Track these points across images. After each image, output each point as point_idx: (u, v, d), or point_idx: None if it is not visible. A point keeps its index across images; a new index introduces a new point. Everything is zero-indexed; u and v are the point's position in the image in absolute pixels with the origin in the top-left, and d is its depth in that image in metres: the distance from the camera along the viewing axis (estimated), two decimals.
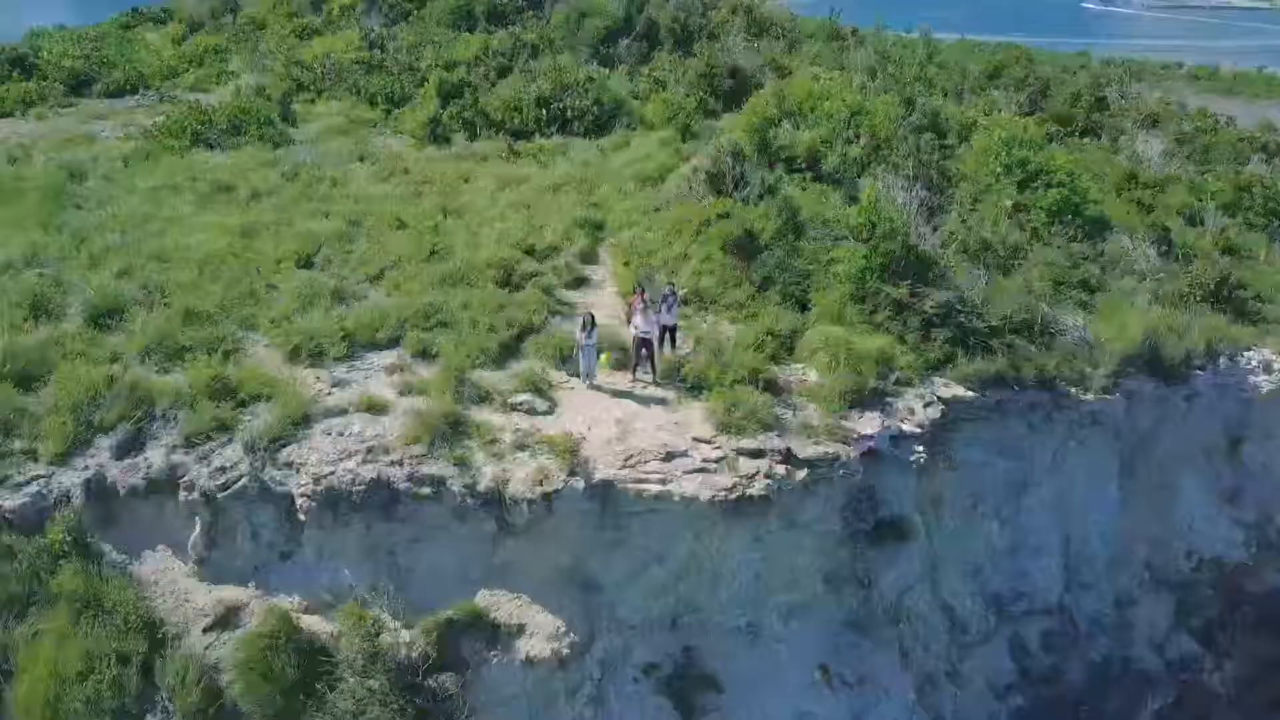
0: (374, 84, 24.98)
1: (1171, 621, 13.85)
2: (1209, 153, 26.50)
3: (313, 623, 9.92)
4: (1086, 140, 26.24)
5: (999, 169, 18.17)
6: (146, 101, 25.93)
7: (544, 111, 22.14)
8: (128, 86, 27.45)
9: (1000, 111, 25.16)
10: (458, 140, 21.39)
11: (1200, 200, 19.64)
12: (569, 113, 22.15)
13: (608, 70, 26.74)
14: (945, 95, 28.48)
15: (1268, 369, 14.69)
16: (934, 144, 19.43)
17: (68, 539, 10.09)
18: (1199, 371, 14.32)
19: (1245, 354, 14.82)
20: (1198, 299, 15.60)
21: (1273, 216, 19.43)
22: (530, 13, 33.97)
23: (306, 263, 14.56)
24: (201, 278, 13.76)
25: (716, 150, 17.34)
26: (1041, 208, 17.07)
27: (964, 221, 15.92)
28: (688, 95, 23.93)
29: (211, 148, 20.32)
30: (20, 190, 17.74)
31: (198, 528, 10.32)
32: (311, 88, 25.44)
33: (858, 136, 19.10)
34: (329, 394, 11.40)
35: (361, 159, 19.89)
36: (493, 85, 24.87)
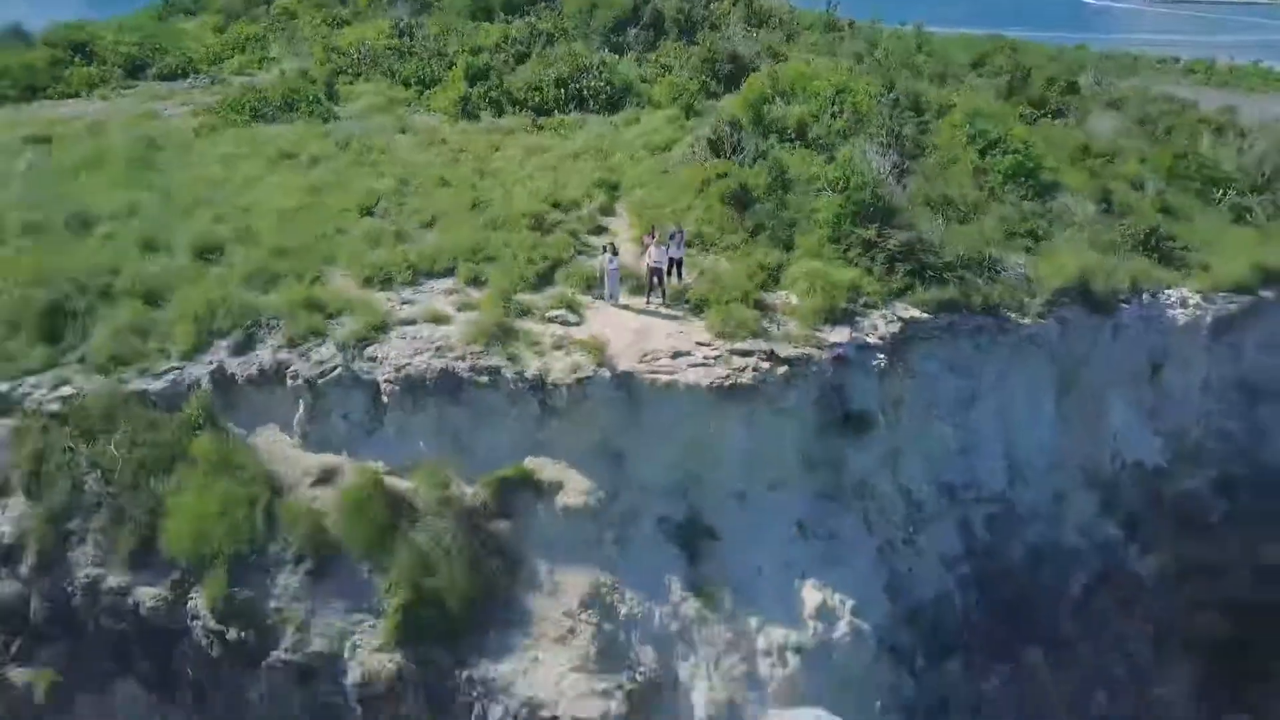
0: (406, 68, 27.65)
1: (1098, 512, 16.54)
2: (1170, 132, 29.01)
3: (395, 482, 12.64)
4: (1056, 120, 28.87)
5: (964, 139, 20.88)
6: (199, 84, 28.70)
7: (562, 91, 24.78)
8: (179, 71, 30.16)
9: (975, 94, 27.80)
10: (485, 117, 24.01)
11: (1143, 167, 22.33)
12: (585, 92, 24.78)
13: (618, 56, 29.37)
14: (929, 80, 31.07)
15: (1184, 304, 17.40)
16: (908, 117, 22.11)
17: (200, 415, 12.82)
18: (1125, 305, 17.05)
19: (1166, 292, 17.53)
20: (1129, 247, 18.31)
21: (1206, 182, 22.09)
22: (543, 4, 36.65)
23: (367, 213, 17.29)
24: (282, 223, 16.49)
25: (717, 120, 20.09)
26: (998, 171, 19.78)
27: (928, 180, 18.62)
28: (691, 79, 26.53)
29: (269, 122, 23.05)
30: (108, 157, 20.49)
31: (301, 409, 13.05)
32: (349, 71, 28.08)
33: (841, 111, 21.79)
34: (400, 309, 14.13)
35: (402, 131, 22.59)
36: (513, 69, 27.53)
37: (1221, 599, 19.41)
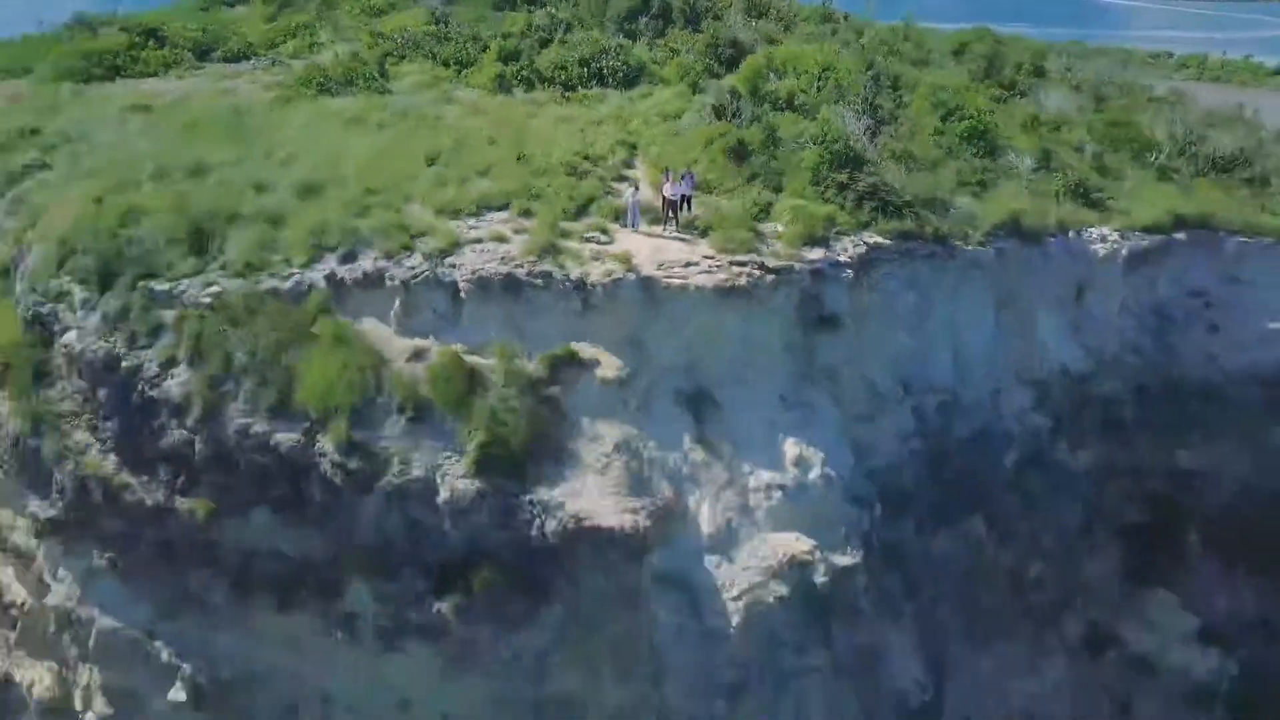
0: (445, 51, 31.50)
1: (1030, 405, 20.41)
2: (1126, 110, 32.79)
3: (471, 358, 16.51)
4: (1021, 99, 32.69)
5: (929, 107, 24.76)
6: (260, 65, 32.58)
7: (585, 70, 28.61)
8: (241, 54, 34.08)
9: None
10: (518, 93, 27.92)
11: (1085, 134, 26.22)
12: (604, 71, 28.63)
13: (631, 41, 33.22)
14: (910, 63, 34.88)
15: (1104, 240, 21.26)
16: (885, 92, 25.96)
17: (320, 308, 16.71)
18: (1052, 239, 20.92)
19: (1089, 230, 21.40)
20: (1061, 195, 22.19)
21: (1139, 147, 25.94)
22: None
23: (431, 163, 21.14)
24: (366, 170, 20.34)
25: (719, 90, 23.98)
26: (955, 134, 23.65)
27: (896, 139, 22.50)
28: (696, 61, 30.42)
29: (333, 95, 26.94)
30: (204, 122, 24.38)
31: (397, 304, 16.96)
32: (394, 54, 31.97)
33: (825, 85, 25.65)
34: (468, 232, 18.02)
35: (449, 102, 26.46)
36: (538, 52, 31.42)
37: (1143, 493, 23.31)
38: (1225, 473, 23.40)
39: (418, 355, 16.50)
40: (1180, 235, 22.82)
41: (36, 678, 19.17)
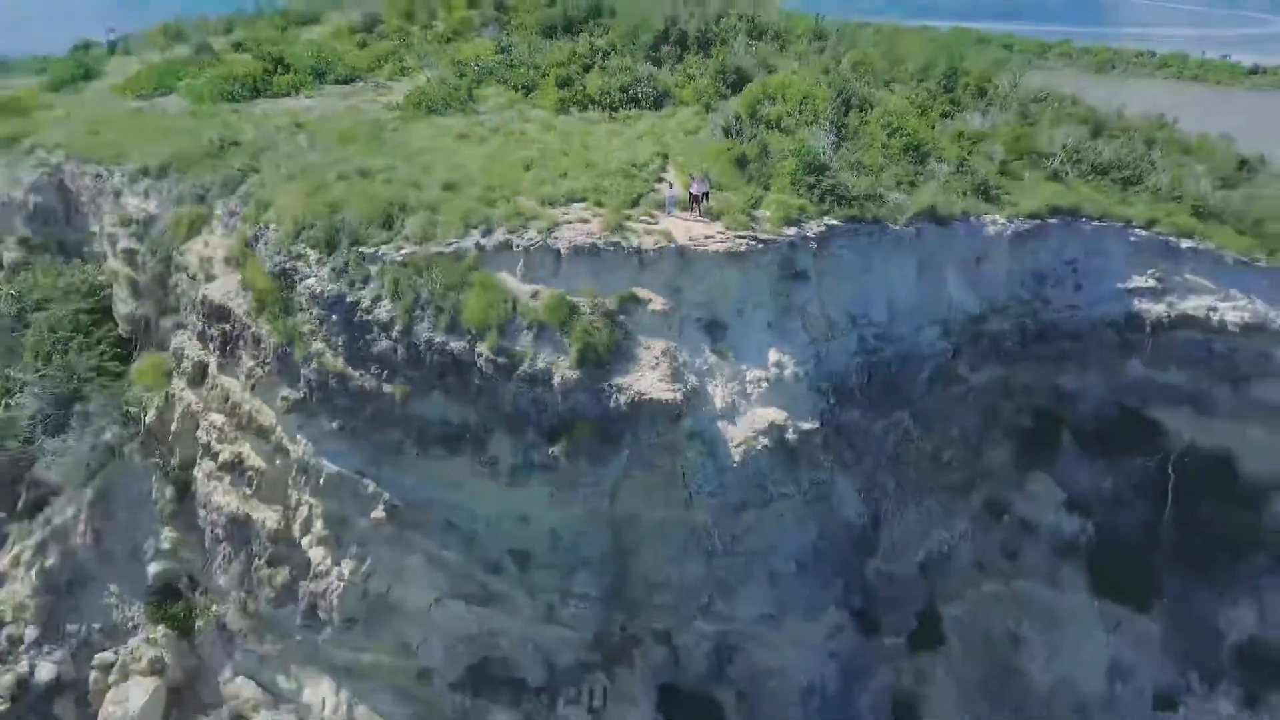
0: (514, 77, 41.18)
1: (939, 336, 30.12)
2: (1032, 127, 42.14)
3: (570, 298, 26.15)
4: (961, 113, 42.18)
5: (880, 126, 34.40)
6: (366, 87, 42.24)
7: (624, 94, 38.23)
8: (348, 78, 43.70)
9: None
10: (574, 112, 37.55)
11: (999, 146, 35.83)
12: (639, 95, 38.26)
13: (657, 68, 42.77)
14: (881, 82, 44.25)
15: (995, 223, 30.96)
16: (851, 107, 35.50)
17: (473, 265, 26.38)
18: (958, 222, 30.63)
19: (984, 216, 31.10)
20: (968, 191, 31.86)
21: (1038, 155, 35.55)
22: (594, 21, 50.21)
23: (528, 169, 30.74)
24: (484, 173, 29.97)
25: (726, 115, 33.62)
26: (896, 147, 33.29)
27: (853, 151, 32.15)
28: (708, 85, 40.00)
29: (439, 115, 36.58)
30: (353, 136, 34.00)
31: (520, 263, 26.64)
32: (475, 79, 41.58)
33: (804, 110, 35.25)
34: (563, 216, 27.68)
35: (526, 121, 36.11)
36: (583, 77, 40.99)
37: (1029, 404, 33.08)
38: (1088, 391, 33.13)
39: (535, 296, 26.15)
40: (1054, 220, 32.52)
41: (267, 516, 28.97)
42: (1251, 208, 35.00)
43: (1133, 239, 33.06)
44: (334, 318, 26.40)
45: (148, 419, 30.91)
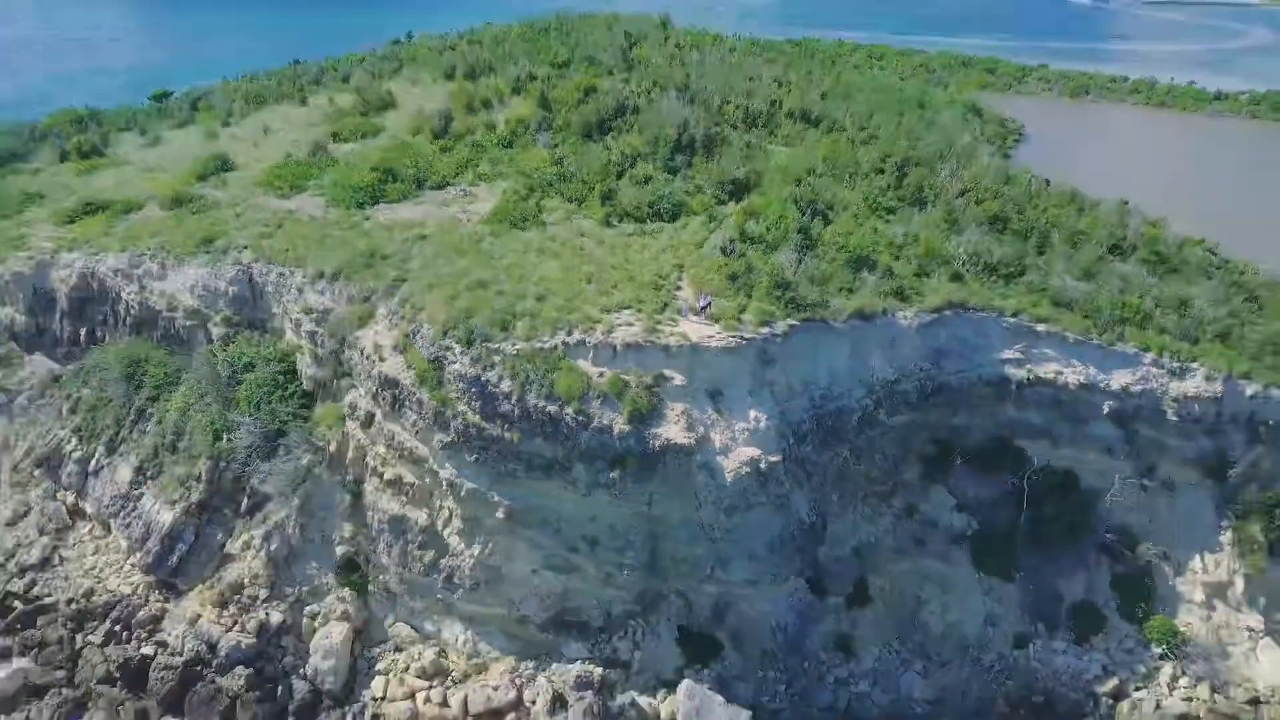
0: (568, 189, 56.64)
1: (865, 393, 45.59)
2: (940, 238, 57.17)
3: (624, 377, 41.68)
4: (915, 208, 57.44)
5: (833, 238, 49.87)
6: (459, 195, 57.69)
7: (651, 208, 53.73)
8: (440, 184, 59.13)
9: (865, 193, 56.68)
10: (613, 220, 53.04)
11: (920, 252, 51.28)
12: (661, 209, 53.76)
13: (673, 176, 58.26)
14: (846, 176, 59.51)
15: (906, 317, 46.45)
16: (812, 218, 50.98)
17: (559, 354, 41.90)
18: (879, 318, 46.19)
19: (899, 312, 46.60)
20: (888, 294, 47.40)
21: (943, 259, 50.99)
22: (621, 119, 65.87)
23: (589, 281, 46.09)
24: (560, 286, 45.31)
25: (723, 236, 49.11)
26: (844, 261, 48.67)
27: (812, 261, 47.58)
28: (711, 195, 55.47)
29: (519, 229, 52.00)
30: (461, 247, 49.44)
31: (590, 354, 42.18)
32: (537, 189, 56.98)
33: (779, 227, 50.64)
34: (615, 319, 43.11)
35: (581, 235, 51.53)
36: (617, 181, 56.42)
37: (932, 437, 48.74)
38: (973, 428, 48.75)
39: (600, 375, 41.68)
40: (950, 312, 48.04)
41: (419, 516, 44.58)
42: (1094, 299, 50.48)
43: (1005, 324, 48.70)
44: (473, 389, 41.91)
45: (330, 449, 46.49)
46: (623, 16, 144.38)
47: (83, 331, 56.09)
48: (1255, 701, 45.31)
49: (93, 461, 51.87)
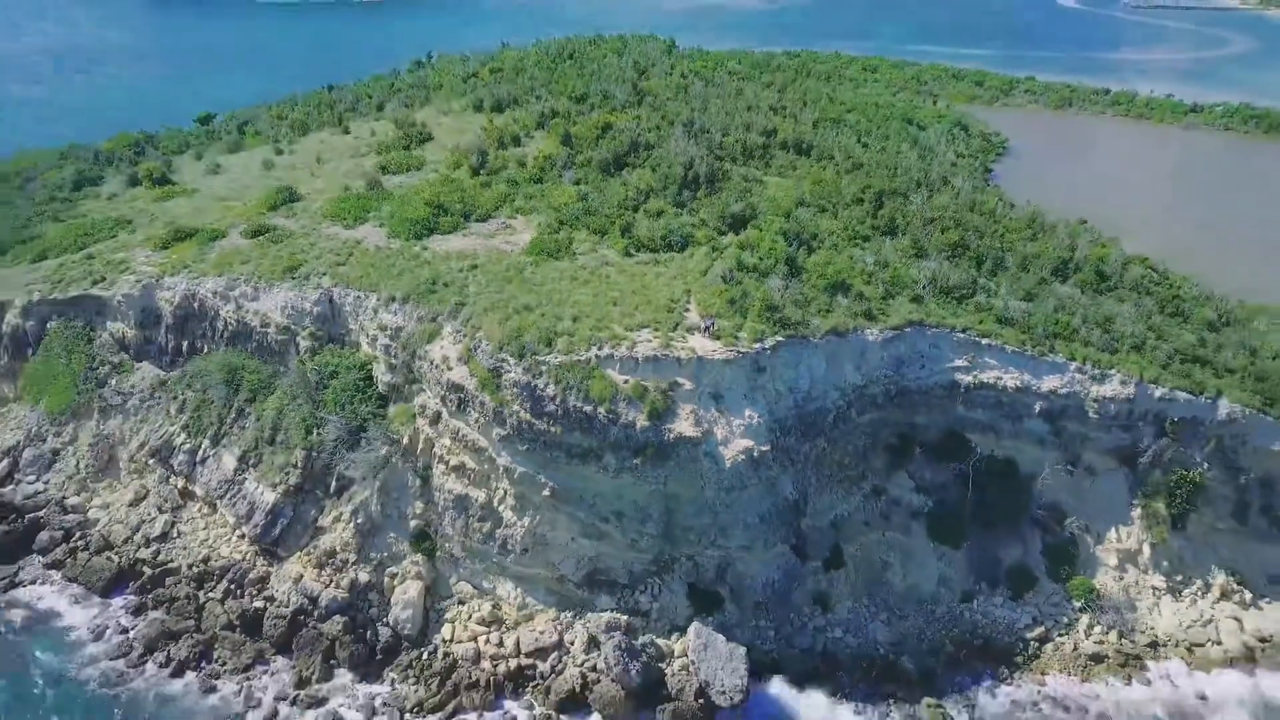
0: (592, 223, 68.08)
1: (839, 396, 56.94)
2: (905, 267, 68.83)
3: (645, 383, 53.16)
4: (887, 238, 68.95)
5: (814, 271, 61.19)
6: (500, 227, 69.12)
7: (664, 240, 65.18)
8: (485, 216, 70.55)
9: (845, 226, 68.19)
10: (631, 250, 64.47)
11: (888, 280, 62.64)
12: (672, 240, 65.22)
13: (681, 209, 69.72)
14: (832, 207, 70.97)
15: (871, 334, 57.82)
16: (798, 249, 62.37)
17: (593, 365, 53.31)
18: (850, 334, 57.59)
19: (866, 330, 57.98)
20: (859, 315, 58.82)
21: (907, 283, 62.36)
22: (635, 155, 77.22)
23: (614, 305, 57.35)
24: (590, 309, 56.58)
25: (723, 268, 60.46)
26: (821, 286, 60.02)
27: (797, 287, 58.93)
28: (713, 229, 66.94)
29: (554, 259, 63.41)
30: (508, 274, 60.83)
31: (618, 365, 53.60)
32: (569, 225, 68.38)
33: (770, 258, 61.95)
34: (637, 336, 54.44)
35: (606, 265, 62.90)
36: (634, 215, 67.90)
37: (895, 432, 60.22)
38: (930, 424, 60.23)
39: (626, 382, 53.06)
40: (909, 329, 59.39)
41: (479, 495, 56.07)
42: (1031, 317, 61.79)
43: (956, 338, 60.10)
44: (524, 393, 53.27)
45: (404, 441, 57.89)
46: (631, 39, 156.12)
47: (185, 344, 67.45)
48: (1154, 644, 56.77)
49: (200, 452, 63.27)
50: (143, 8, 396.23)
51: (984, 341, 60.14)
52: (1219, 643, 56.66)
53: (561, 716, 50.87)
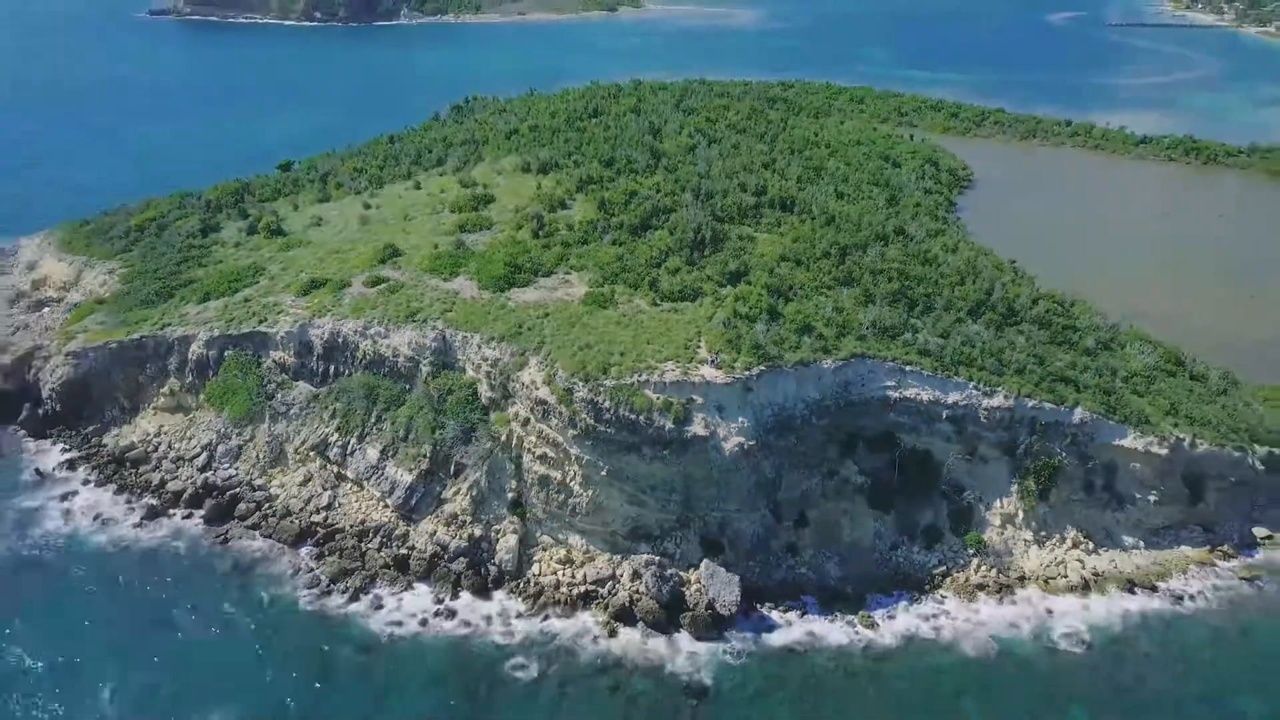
0: (628, 278, 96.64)
1: (804, 407, 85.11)
2: (883, 298, 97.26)
3: (670, 400, 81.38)
4: (839, 291, 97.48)
5: (790, 320, 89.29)
6: (561, 281, 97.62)
7: (681, 293, 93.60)
8: (546, 271, 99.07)
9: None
10: (659, 303, 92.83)
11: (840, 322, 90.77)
12: (686, 293, 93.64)
13: (692, 266, 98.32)
14: (808, 259, 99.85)
15: (826, 364, 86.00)
16: (777, 299, 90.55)
17: (635, 388, 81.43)
18: (808, 367, 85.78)
19: (823, 361, 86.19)
20: (818, 350, 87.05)
21: (853, 324, 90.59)
22: (656, 218, 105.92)
23: (648, 343, 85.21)
24: (631, 346, 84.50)
25: (722, 317, 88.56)
26: (792, 328, 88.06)
27: (775, 329, 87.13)
28: (715, 282, 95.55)
29: (603, 308, 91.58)
30: (571, 320, 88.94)
31: (651, 386, 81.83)
32: (609, 278, 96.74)
33: (758, 306, 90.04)
34: (667, 367, 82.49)
35: (640, 312, 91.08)
36: (659, 267, 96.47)
37: (844, 433, 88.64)
38: (868, 426, 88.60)
39: (658, 398, 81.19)
40: (853, 359, 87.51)
41: (556, 475, 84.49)
42: (943, 350, 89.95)
43: (888, 366, 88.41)
44: (589, 406, 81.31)
45: (502, 438, 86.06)
46: (644, 88, 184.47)
47: (331, 368, 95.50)
48: (1021, 578, 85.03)
49: (349, 446, 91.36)
50: (139, 36, 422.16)
51: (907, 368, 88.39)
52: (1066, 577, 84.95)
53: (616, 623, 78.96)
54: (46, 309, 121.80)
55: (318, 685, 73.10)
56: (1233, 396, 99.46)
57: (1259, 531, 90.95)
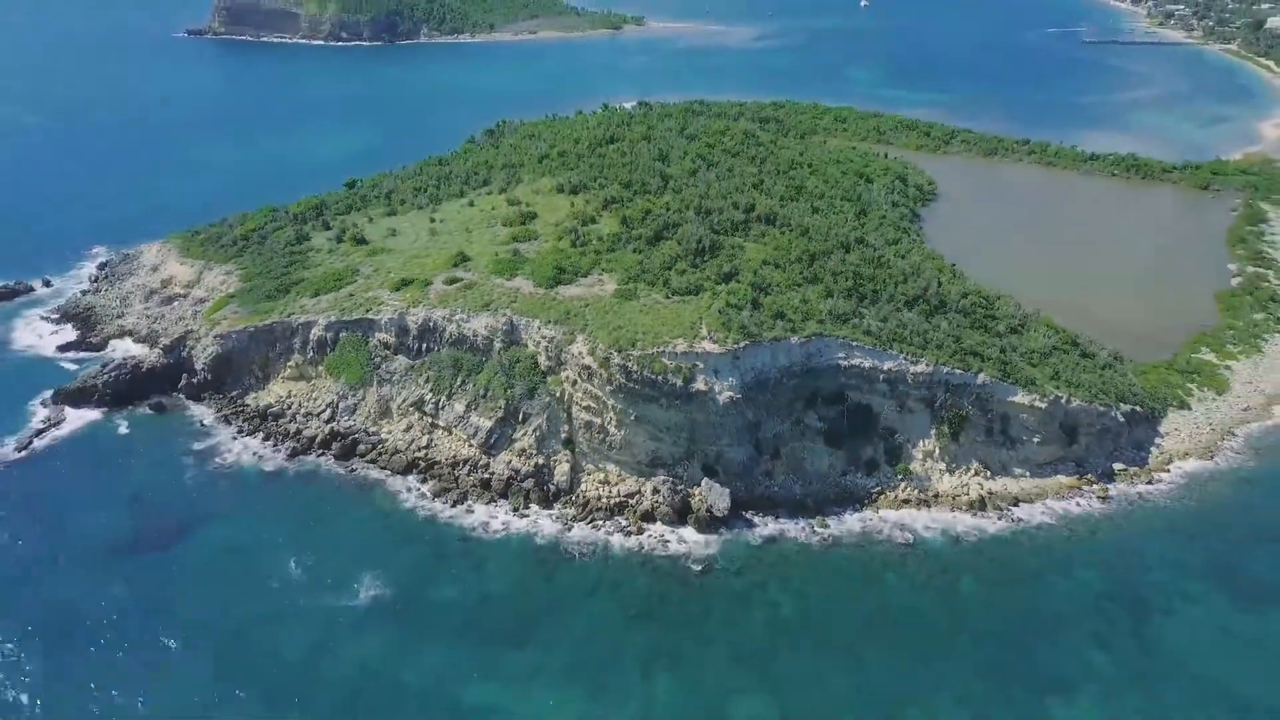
0: (646, 277, 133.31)
1: (779, 372, 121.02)
2: (842, 291, 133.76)
3: (681, 365, 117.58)
4: (809, 289, 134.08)
5: (770, 307, 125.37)
6: (595, 279, 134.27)
7: (687, 289, 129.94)
8: (585, 272, 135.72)
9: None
10: (669, 295, 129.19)
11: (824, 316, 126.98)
12: (692, 290, 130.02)
13: (695, 269, 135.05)
14: (784, 260, 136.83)
15: (794, 340, 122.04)
16: (759, 292, 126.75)
17: (656, 357, 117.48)
18: (782, 340, 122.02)
19: (793, 338, 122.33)
20: (789, 330, 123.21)
21: (819, 316, 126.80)
22: (667, 231, 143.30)
23: (664, 323, 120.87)
24: (654, 328, 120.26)
25: (718, 306, 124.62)
26: (769, 313, 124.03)
27: (758, 314, 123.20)
28: (714, 281, 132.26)
29: (630, 300, 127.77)
30: (608, 310, 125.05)
31: (667, 355, 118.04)
32: (633, 280, 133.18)
33: (751, 301, 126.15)
34: (678, 342, 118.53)
35: (658, 303, 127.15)
36: (668, 272, 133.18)
37: (807, 391, 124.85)
38: (826, 386, 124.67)
39: (671, 363, 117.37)
40: (815, 338, 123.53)
41: (595, 420, 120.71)
42: (881, 331, 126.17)
43: (840, 342, 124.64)
44: (621, 370, 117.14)
45: (558, 394, 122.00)
46: (654, 115, 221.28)
47: (424, 345, 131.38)
48: (936, 496, 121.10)
49: (440, 403, 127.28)
50: (179, 56, 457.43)
51: (855, 344, 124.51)
52: (968, 495, 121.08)
53: (642, 522, 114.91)
54: (175, 303, 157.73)
55: (433, 561, 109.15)
56: (1116, 370, 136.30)
57: (1118, 466, 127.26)
